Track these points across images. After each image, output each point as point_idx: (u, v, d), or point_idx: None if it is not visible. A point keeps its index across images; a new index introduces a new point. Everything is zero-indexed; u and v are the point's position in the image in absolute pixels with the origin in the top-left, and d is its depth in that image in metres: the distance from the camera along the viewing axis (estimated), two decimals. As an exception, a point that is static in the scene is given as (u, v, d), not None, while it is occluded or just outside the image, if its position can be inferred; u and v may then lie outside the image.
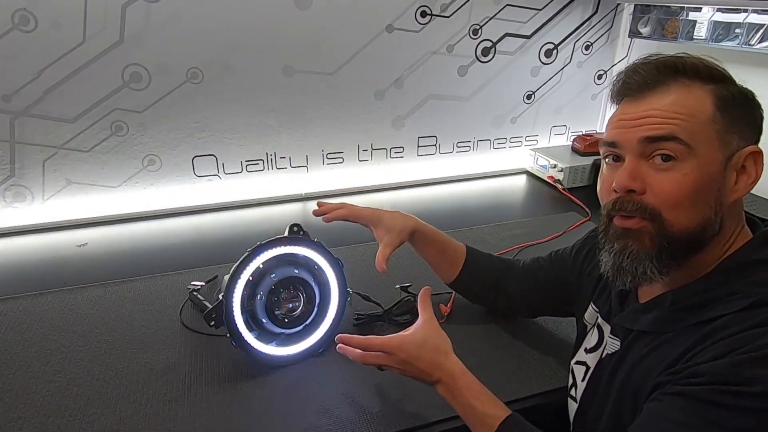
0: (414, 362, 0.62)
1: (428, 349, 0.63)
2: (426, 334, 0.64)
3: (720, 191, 0.50)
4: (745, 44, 1.18)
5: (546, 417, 0.72)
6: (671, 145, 0.49)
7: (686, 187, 0.49)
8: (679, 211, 0.49)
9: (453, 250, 0.85)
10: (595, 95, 1.65)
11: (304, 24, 1.25)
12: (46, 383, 0.75)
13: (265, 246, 0.77)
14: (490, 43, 1.45)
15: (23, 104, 1.14)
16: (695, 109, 0.49)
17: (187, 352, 0.81)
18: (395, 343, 0.63)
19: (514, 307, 0.85)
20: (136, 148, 1.25)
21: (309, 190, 1.44)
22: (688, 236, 0.50)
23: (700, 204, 0.49)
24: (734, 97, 0.50)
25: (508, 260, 0.87)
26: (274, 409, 0.71)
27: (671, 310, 0.52)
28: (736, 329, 0.45)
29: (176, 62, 1.20)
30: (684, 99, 0.49)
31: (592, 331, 0.65)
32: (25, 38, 1.09)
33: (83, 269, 1.07)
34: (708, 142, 0.49)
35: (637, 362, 0.53)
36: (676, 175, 0.49)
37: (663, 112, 0.49)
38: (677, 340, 0.50)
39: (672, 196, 0.49)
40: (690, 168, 0.49)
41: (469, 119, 1.53)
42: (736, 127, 0.50)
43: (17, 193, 1.21)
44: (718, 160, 0.49)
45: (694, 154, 0.48)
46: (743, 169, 0.50)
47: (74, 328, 0.87)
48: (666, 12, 1.38)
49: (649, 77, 0.51)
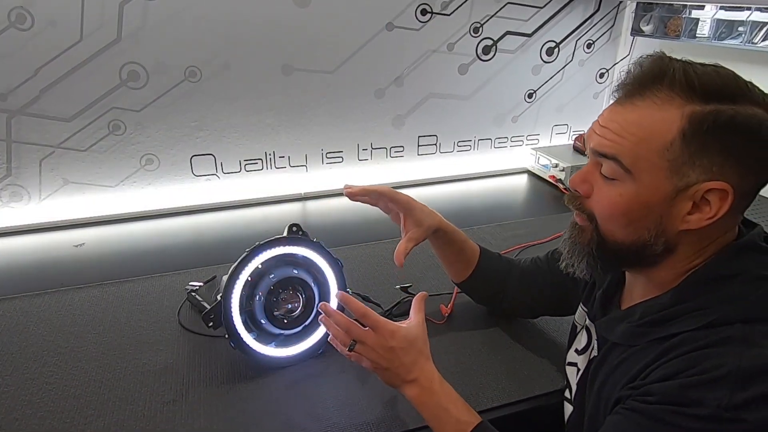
0: (400, 354, 0.61)
1: (416, 348, 0.63)
2: (418, 335, 0.64)
3: (663, 218, 0.48)
4: (748, 42, 1.18)
5: (546, 418, 0.72)
6: (611, 165, 0.49)
7: (618, 207, 0.49)
8: (612, 224, 0.51)
9: (470, 251, 0.84)
10: (596, 94, 1.64)
11: (303, 22, 1.25)
12: (42, 384, 0.74)
13: (263, 246, 0.76)
14: (491, 41, 1.44)
15: (20, 103, 1.13)
16: (652, 132, 0.46)
17: (185, 353, 0.81)
18: (390, 328, 0.62)
19: (514, 308, 0.85)
20: (134, 147, 1.25)
21: (308, 189, 1.43)
22: (620, 249, 0.51)
23: (632, 225, 0.49)
24: (721, 125, 0.44)
25: (512, 261, 0.86)
26: (274, 411, 0.70)
27: (638, 323, 0.52)
28: (688, 348, 0.46)
29: (174, 61, 1.20)
30: (648, 117, 0.47)
31: (582, 332, 0.65)
32: (21, 36, 1.08)
33: (80, 269, 1.07)
34: (653, 170, 0.47)
35: (609, 372, 0.54)
36: (612, 192, 0.49)
37: (619, 128, 0.48)
38: (642, 354, 0.50)
39: (604, 210, 0.51)
40: (626, 190, 0.48)
41: (470, 118, 1.52)
42: (703, 158, 0.45)
43: (14, 193, 1.21)
44: (663, 189, 0.47)
45: (633, 179, 0.48)
46: (705, 201, 0.46)
47: (71, 329, 0.86)
48: (669, 10, 1.37)
49: (631, 84, 0.49)
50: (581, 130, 1.65)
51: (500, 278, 0.83)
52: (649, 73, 0.48)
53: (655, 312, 0.51)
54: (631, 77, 0.49)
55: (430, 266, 1.05)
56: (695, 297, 0.49)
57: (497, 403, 0.72)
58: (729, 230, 0.50)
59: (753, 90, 0.46)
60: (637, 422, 0.45)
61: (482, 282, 0.84)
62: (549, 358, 0.80)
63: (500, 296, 0.84)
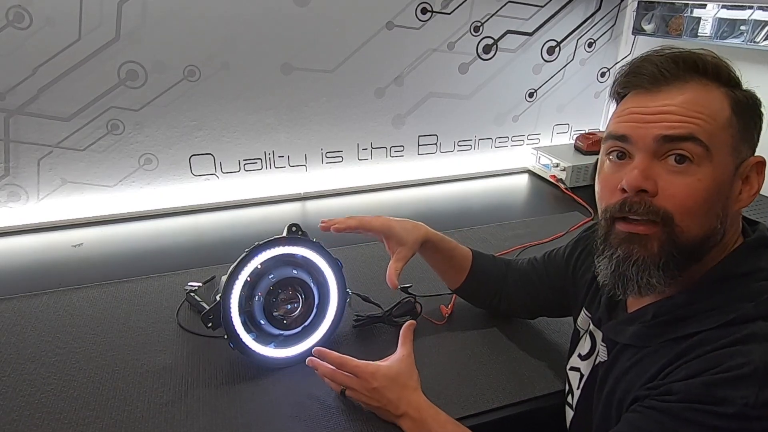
0: (384, 392, 0.64)
1: (399, 383, 0.65)
2: (400, 369, 0.66)
3: (728, 199, 0.48)
4: (750, 41, 1.17)
5: (547, 419, 0.72)
6: (690, 146, 0.46)
7: (700, 194, 0.46)
8: (692, 217, 0.47)
9: (460, 257, 0.83)
10: (598, 93, 1.63)
11: (302, 21, 1.24)
12: (40, 385, 0.74)
13: (263, 246, 0.76)
14: (492, 40, 1.44)
15: (18, 102, 1.13)
16: (715, 110, 0.47)
17: (184, 353, 0.81)
18: (370, 370, 0.65)
19: (513, 310, 0.84)
20: (133, 147, 1.24)
21: (308, 189, 1.43)
22: (695, 245, 0.48)
23: (710, 212, 0.47)
24: (748, 103, 0.48)
25: (508, 262, 0.85)
26: (273, 412, 0.70)
27: (652, 324, 0.51)
28: (710, 347, 0.45)
29: (173, 60, 1.19)
30: (703, 98, 0.47)
31: (585, 337, 0.64)
32: (19, 35, 1.07)
33: (79, 270, 1.06)
34: (724, 148, 0.47)
35: (621, 375, 0.53)
36: (690, 179, 0.46)
37: (683, 109, 0.46)
38: (657, 354, 0.49)
39: (686, 201, 0.46)
40: (704, 173, 0.46)
41: (471, 117, 1.51)
42: (747, 134, 0.48)
43: (12, 193, 1.20)
44: (730, 168, 0.47)
45: (711, 158, 0.46)
46: (747, 179, 0.49)
47: (69, 329, 0.86)
48: (670, 9, 1.36)
49: (665, 69, 0.47)
50: (582, 130, 1.65)
51: (496, 280, 0.83)
52: (680, 61, 0.48)
53: (668, 312, 0.50)
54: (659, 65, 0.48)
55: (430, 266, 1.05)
56: (711, 296, 0.48)
57: (497, 404, 0.71)
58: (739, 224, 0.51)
59: None
60: (657, 420, 0.44)
61: (477, 286, 0.84)
62: (549, 359, 0.79)
63: (497, 298, 0.84)
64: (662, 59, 0.48)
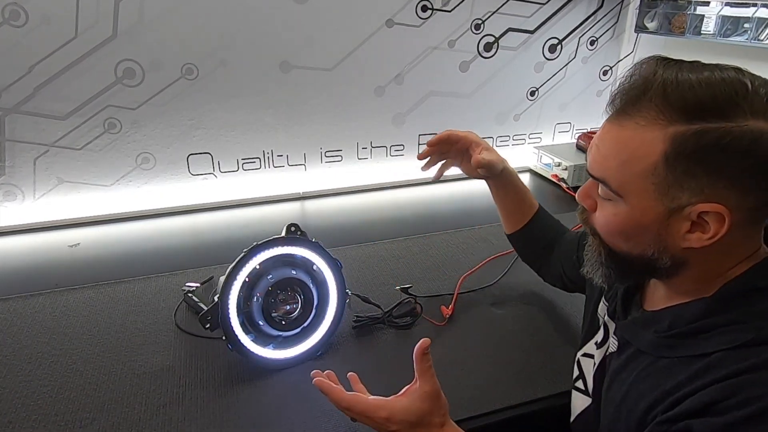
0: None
1: (423, 424, 0.55)
2: (422, 410, 0.54)
3: (661, 236, 0.47)
4: (754, 39, 1.17)
5: (550, 420, 0.71)
6: (602, 186, 0.49)
7: (614, 226, 0.50)
8: (613, 239, 0.51)
9: (528, 204, 0.86)
10: (600, 92, 1.63)
11: (301, 18, 1.23)
12: (37, 387, 0.73)
13: (261, 246, 0.75)
14: (493, 38, 1.43)
15: (13, 101, 1.12)
16: (634, 156, 0.45)
17: (181, 355, 0.80)
18: (383, 416, 0.54)
19: (551, 277, 0.86)
20: (130, 145, 1.23)
21: (307, 188, 1.42)
22: (629, 261, 0.51)
23: (632, 241, 0.49)
24: (705, 147, 0.41)
25: (563, 228, 0.88)
26: (272, 414, 0.70)
27: (668, 335, 0.50)
28: (727, 372, 0.43)
29: (171, 58, 1.18)
30: (631, 139, 0.45)
31: (602, 327, 0.63)
32: (15, 33, 1.07)
33: (75, 270, 1.06)
34: (640, 193, 0.46)
35: (634, 381, 0.52)
36: (609, 211, 0.50)
37: (605, 150, 0.48)
38: (673, 369, 0.48)
39: (603, 227, 0.51)
40: (619, 210, 0.48)
41: (471, 116, 1.51)
42: (691, 180, 0.43)
43: (7, 192, 1.19)
44: (655, 210, 0.46)
45: (623, 201, 0.48)
46: (703, 221, 0.44)
47: (66, 330, 0.86)
48: (673, 6, 1.36)
49: (621, 99, 0.47)
50: (584, 129, 1.64)
51: (548, 240, 0.85)
52: (634, 88, 0.45)
53: (685, 323, 0.49)
54: (619, 91, 0.47)
55: (430, 267, 1.04)
56: (729, 310, 0.47)
57: (499, 406, 0.71)
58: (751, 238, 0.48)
59: (755, 96, 0.41)
60: None
61: (531, 237, 0.87)
62: (551, 360, 0.79)
63: (542, 260, 0.86)
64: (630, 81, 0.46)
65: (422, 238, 1.16)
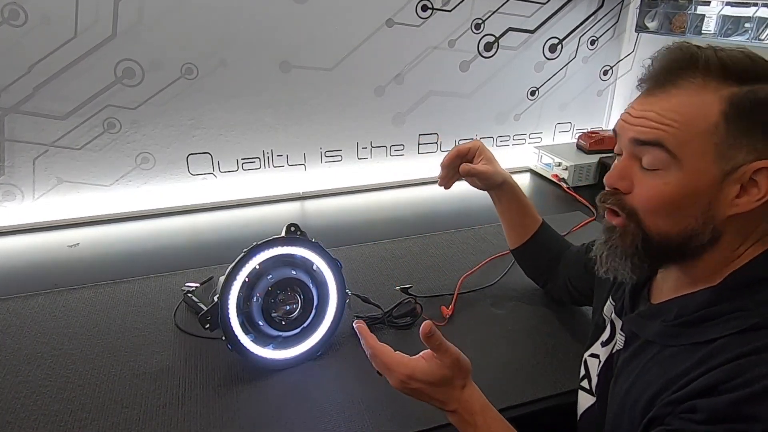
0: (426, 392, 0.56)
1: (444, 386, 0.56)
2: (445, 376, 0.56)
3: (712, 204, 0.47)
4: (755, 39, 1.17)
5: (551, 421, 0.71)
6: (656, 152, 0.48)
7: (664, 197, 0.48)
8: (656, 217, 0.49)
9: (531, 218, 0.87)
10: (600, 91, 1.62)
11: (301, 18, 1.23)
12: (36, 387, 0.73)
13: (261, 246, 0.75)
14: (493, 37, 1.43)
15: (13, 101, 1.12)
16: (694, 116, 0.46)
17: (181, 355, 0.80)
18: (406, 372, 0.56)
19: (557, 291, 0.87)
20: (129, 145, 1.23)
21: (307, 188, 1.42)
22: (668, 242, 0.50)
23: (679, 214, 0.48)
24: (760, 104, 0.45)
25: (568, 245, 0.88)
26: (271, 414, 0.69)
27: (674, 323, 0.51)
28: (731, 355, 0.44)
29: (170, 57, 1.18)
30: (687, 103, 0.46)
31: (608, 325, 0.64)
32: (14, 33, 1.06)
33: (74, 270, 1.06)
34: (699, 155, 0.46)
35: (641, 372, 0.52)
36: (657, 182, 0.48)
37: (658, 115, 0.47)
38: (679, 357, 0.49)
39: (649, 201, 0.49)
40: (672, 178, 0.47)
41: (472, 116, 1.50)
42: (747, 138, 0.45)
43: (7, 192, 1.19)
44: (711, 174, 0.46)
45: (680, 165, 0.47)
46: (753, 183, 0.46)
47: (65, 330, 0.85)
48: (674, 6, 1.36)
49: (661, 74, 0.48)
50: (585, 128, 1.64)
51: (553, 253, 0.86)
52: (679, 60, 0.48)
53: (691, 311, 0.50)
54: (659, 67, 0.49)
55: (430, 267, 1.04)
56: (734, 298, 0.48)
57: (500, 407, 0.69)
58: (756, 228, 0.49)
59: None
60: None
61: (533, 255, 0.88)
62: (552, 360, 0.79)
63: (547, 276, 0.88)
64: (665, 61, 0.49)
65: (422, 238, 1.16)
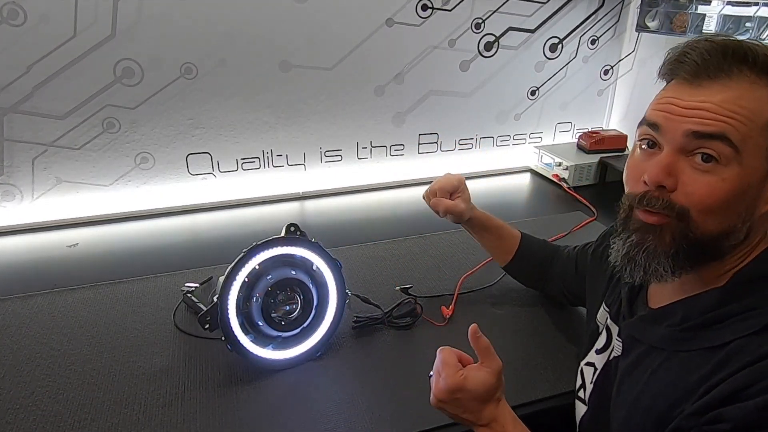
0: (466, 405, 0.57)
1: (487, 399, 0.57)
2: (493, 385, 0.57)
3: (755, 201, 0.46)
4: (756, 39, 1.16)
5: (552, 421, 0.71)
6: (719, 146, 0.45)
7: (721, 194, 0.45)
8: (709, 215, 0.46)
9: (508, 237, 0.88)
10: (601, 91, 1.62)
11: (301, 17, 1.23)
12: (35, 388, 0.73)
13: (261, 246, 0.75)
14: (493, 37, 1.42)
15: (12, 100, 1.11)
16: (754, 111, 0.45)
17: (180, 355, 0.80)
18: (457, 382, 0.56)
19: (555, 294, 0.87)
20: (129, 145, 1.23)
21: (306, 188, 1.42)
22: (710, 241, 0.47)
23: (730, 212, 0.46)
24: None
25: (558, 248, 0.89)
26: (271, 414, 0.69)
27: (682, 328, 0.49)
28: (751, 358, 0.43)
29: (170, 57, 1.18)
30: (745, 97, 0.45)
31: (603, 332, 0.63)
32: (13, 32, 1.06)
33: (73, 270, 1.05)
34: (757, 150, 0.45)
35: (648, 380, 0.51)
36: (713, 178, 0.45)
37: (719, 107, 0.45)
38: (691, 363, 0.47)
39: (705, 200, 0.46)
40: (730, 174, 0.45)
41: (472, 116, 1.50)
42: None
43: (6, 192, 1.19)
44: (762, 171, 0.46)
45: (740, 160, 0.45)
46: None
47: (64, 331, 0.85)
48: (674, 5, 1.35)
49: (712, 62, 0.46)
50: (585, 128, 1.63)
51: (542, 263, 0.87)
52: (730, 53, 0.46)
53: (700, 315, 0.49)
54: (708, 57, 0.46)
55: (430, 267, 1.04)
56: (743, 297, 0.47)
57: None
58: None
59: None
60: None
61: (524, 266, 0.89)
62: (552, 361, 0.78)
63: (542, 281, 0.89)
64: (711, 48, 0.46)
65: (422, 238, 1.15)
